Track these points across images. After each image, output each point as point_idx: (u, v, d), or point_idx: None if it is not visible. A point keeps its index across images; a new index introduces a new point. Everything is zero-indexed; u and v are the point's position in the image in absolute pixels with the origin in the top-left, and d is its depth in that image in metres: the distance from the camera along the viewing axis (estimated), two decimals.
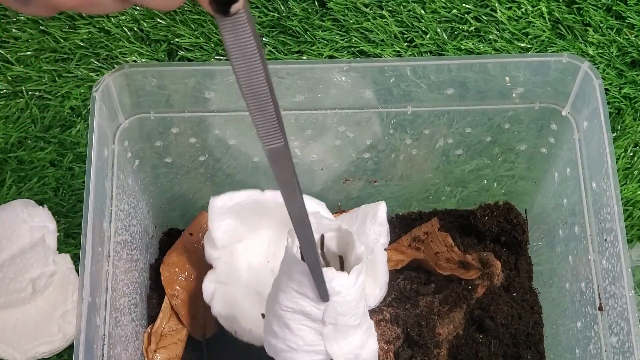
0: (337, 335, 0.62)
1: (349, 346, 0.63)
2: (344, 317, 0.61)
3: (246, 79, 0.41)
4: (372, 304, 0.72)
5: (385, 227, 0.75)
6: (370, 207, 0.75)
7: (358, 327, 0.63)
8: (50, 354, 0.77)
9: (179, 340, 0.75)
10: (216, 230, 0.72)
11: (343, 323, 0.62)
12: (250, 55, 0.40)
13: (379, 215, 0.74)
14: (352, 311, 0.61)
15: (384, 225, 0.74)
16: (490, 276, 0.75)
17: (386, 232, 0.75)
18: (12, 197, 0.83)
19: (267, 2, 0.93)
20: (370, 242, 0.72)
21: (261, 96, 0.42)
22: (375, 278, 0.73)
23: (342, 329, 0.62)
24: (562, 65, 0.68)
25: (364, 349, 0.64)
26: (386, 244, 0.74)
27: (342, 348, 0.63)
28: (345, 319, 0.61)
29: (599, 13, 0.93)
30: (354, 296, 0.60)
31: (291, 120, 0.71)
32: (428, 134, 0.74)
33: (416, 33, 0.92)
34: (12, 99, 0.89)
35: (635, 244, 0.83)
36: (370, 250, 0.71)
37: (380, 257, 0.73)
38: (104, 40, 0.91)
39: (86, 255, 0.60)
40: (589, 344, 0.67)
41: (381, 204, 0.75)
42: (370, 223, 0.73)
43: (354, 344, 0.63)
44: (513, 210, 0.80)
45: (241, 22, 0.39)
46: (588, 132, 0.68)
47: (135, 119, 0.70)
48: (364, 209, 0.75)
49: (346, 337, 0.63)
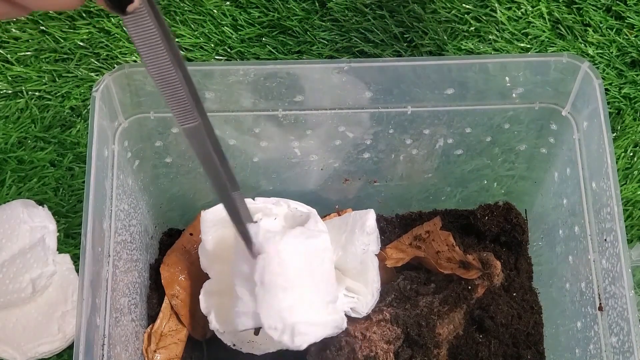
0: (266, 295, 0.64)
1: (276, 307, 0.64)
2: (271, 276, 0.63)
3: (155, 67, 0.45)
4: (364, 311, 0.72)
5: (374, 235, 0.73)
6: (359, 215, 0.74)
7: (287, 290, 0.64)
8: (50, 354, 0.77)
9: (178, 340, 0.75)
10: (209, 242, 0.72)
11: (270, 281, 0.64)
12: (155, 46, 0.44)
13: (367, 225, 0.72)
14: (278, 270, 0.63)
15: (372, 234, 0.73)
16: (490, 276, 0.75)
17: (376, 239, 0.74)
18: (12, 197, 0.83)
19: (267, 2, 0.93)
20: (359, 252, 0.71)
21: (171, 82, 0.46)
22: (366, 284, 0.73)
23: (270, 288, 0.64)
24: (562, 65, 0.68)
25: (293, 315, 0.64)
26: (377, 250, 0.74)
27: (269, 309, 0.64)
28: (273, 278, 0.63)
29: (598, 13, 0.93)
30: (283, 256, 0.63)
31: (291, 120, 0.72)
32: (428, 134, 0.74)
33: (416, 33, 0.92)
34: (12, 99, 0.89)
35: (635, 244, 0.83)
36: (359, 261, 0.71)
37: (371, 264, 0.73)
38: (104, 40, 0.91)
39: (86, 255, 0.60)
40: (589, 344, 0.67)
41: (370, 212, 0.73)
42: (359, 232, 0.72)
43: (281, 306, 0.64)
44: (513, 210, 0.80)
45: (142, 17, 0.43)
46: (588, 132, 0.68)
47: (135, 119, 0.70)
48: (354, 217, 0.74)
49: (274, 298, 0.64)
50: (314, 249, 0.67)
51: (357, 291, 0.72)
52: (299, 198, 0.79)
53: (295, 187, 0.79)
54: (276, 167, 0.77)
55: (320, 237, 0.67)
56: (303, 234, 0.67)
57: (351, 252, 0.71)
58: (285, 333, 0.64)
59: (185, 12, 0.92)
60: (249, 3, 0.93)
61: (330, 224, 0.74)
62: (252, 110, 0.71)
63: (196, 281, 0.76)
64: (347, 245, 0.72)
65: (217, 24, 0.92)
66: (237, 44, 0.91)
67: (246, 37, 0.91)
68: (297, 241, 0.65)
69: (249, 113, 0.71)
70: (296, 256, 0.65)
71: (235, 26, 0.92)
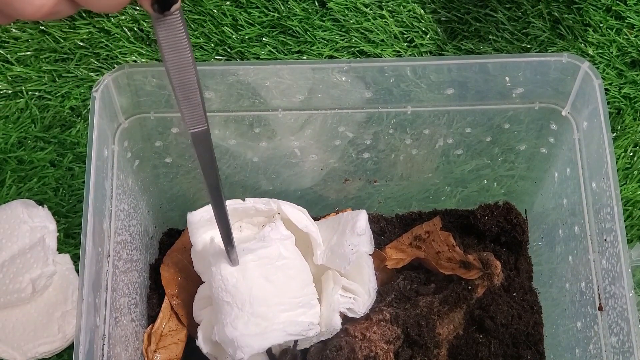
0: (216, 310, 0.68)
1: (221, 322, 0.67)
2: (217, 291, 0.67)
3: (177, 72, 0.46)
4: (362, 311, 0.72)
5: (365, 236, 0.73)
6: (350, 216, 0.73)
7: (231, 304, 0.66)
8: (50, 354, 0.77)
9: (178, 340, 0.75)
10: (198, 245, 0.72)
11: (217, 297, 0.67)
12: (182, 51, 0.45)
13: (358, 226, 0.71)
14: (222, 285, 0.66)
15: (363, 235, 0.72)
16: (490, 276, 0.75)
17: (367, 240, 0.73)
18: (12, 197, 0.83)
19: (267, 2, 0.93)
20: (347, 253, 0.70)
21: (189, 87, 0.47)
22: (362, 284, 0.73)
23: (217, 302, 0.67)
24: (562, 65, 0.68)
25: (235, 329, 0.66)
26: (370, 250, 0.73)
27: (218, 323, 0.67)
28: (219, 294, 0.67)
29: (598, 13, 0.93)
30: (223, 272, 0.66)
31: (291, 120, 0.72)
32: (428, 134, 0.74)
33: (416, 33, 0.92)
34: (12, 99, 0.89)
35: (635, 244, 0.83)
36: (348, 262, 0.71)
37: (365, 264, 0.73)
38: (104, 40, 0.91)
39: (86, 255, 0.60)
40: (589, 344, 0.67)
41: (361, 213, 0.72)
42: (349, 233, 0.71)
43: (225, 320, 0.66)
44: (513, 210, 0.80)
45: (176, 20, 0.43)
46: (588, 132, 0.68)
47: (135, 119, 0.70)
48: (345, 217, 0.74)
49: (219, 312, 0.67)
50: (265, 259, 0.68)
51: (354, 291, 0.72)
52: (299, 198, 0.79)
53: (296, 187, 0.79)
54: (276, 167, 0.77)
55: (271, 247, 0.68)
56: (252, 246, 0.68)
57: (340, 253, 0.71)
58: (230, 346, 0.67)
59: (185, 12, 0.92)
60: (249, 3, 0.93)
61: (323, 224, 0.74)
62: (252, 110, 0.71)
63: (196, 281, 0.76)
64: (336, 246, 0.72)
65: (217, 24, 0.92)
66: (237, 44, 0.91)
67: (246, 37, 0.91)
68: (244, 254, 0.67)
69: (249, 113, 0.71)
70: (239, 271, 0.67)
71: (235, 26, 0.92)
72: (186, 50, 0.45)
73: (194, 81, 0.47)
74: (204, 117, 0.49)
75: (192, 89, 0.47)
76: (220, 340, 0.68)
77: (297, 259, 0.70)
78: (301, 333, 0.69)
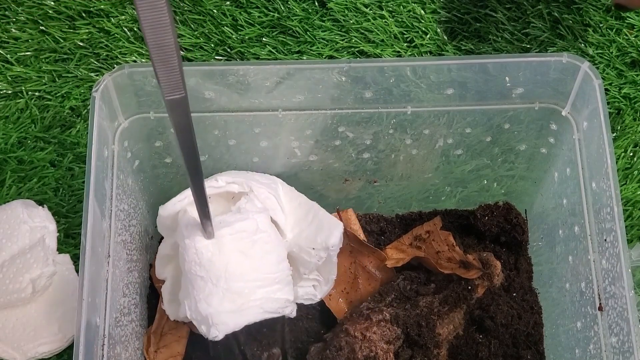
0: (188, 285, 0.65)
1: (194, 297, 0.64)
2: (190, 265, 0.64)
3: (153, 32, 0.43)
4: (319, 296, 0.73)
5: (334, 252, 0.70)
6: (327, 222, 0.70)
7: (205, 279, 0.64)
8: (50, 354, 0.77)
9: (180, 337, 0.75)
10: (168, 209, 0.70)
11: (189, 270, 0.64)
12: (158, 9, 0.42)
13: (331, 242, 0.69)
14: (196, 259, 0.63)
15: (332, 250, 0.70)
16: (490, 276, 0.75)
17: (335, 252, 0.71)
18: (12, 197, 0.83)
19: (267, 2, 0.93)
20: (312, 263, 0.70)
21: (166, 50, 0.44)
22: (322, 272, 0.73)
23: (190, 277, 0.64)
24: (562, 65, 0.68)
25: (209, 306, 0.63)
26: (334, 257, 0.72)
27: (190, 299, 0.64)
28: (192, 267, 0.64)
29: (598, 13, 0.93)
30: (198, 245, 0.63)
31: (291, 120, 0.72)
32: (428, 134, 0.74)
33: (416, 33, 0.92)
34: (12, 99, 0.89)
35: (635, 244, 0.83)
36: (310, 270, 0.70)
37: (333, 258, 0.72)
38: (104, 40, 0.91)
39: (86, 255, 0.60)
40: (589, 344, 0.67)
41: (338, 226, 0.70)
42: (320, 243, 0.69)
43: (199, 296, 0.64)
44: (513, 210, 0.80)
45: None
46: (588, 132, 0.68)
47: (135, 119, 0.70)
48: (322, 218, 0.71)
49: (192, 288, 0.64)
50: (242, 232, 0.65)
51: (314, 279, 0.73)
52: None
53: (295, 187, 0.79)
54: (276, 167, 0.77)
55: (248, 220, 0.65)
56: (229, 218, 0.65)
57: (304, 259, 0.70)
58: (203, 324, 0.64)
59: (185, 12, 0.92)
60: (249, 3, 0.93)
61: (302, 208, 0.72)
62: (252, 110, 0.71)
63: None
64: (303, 248, 0.70)
65: (217, 24, 0.92)
66: (237, 44, 0.91)
67: (246, 37, 0.91)
68: (220, 227, 0.64)
69: (249, 113, 0.71)
70: (215, 244, 0.63)
71: (235, 26, 0.92)
72: (163, 9, 0.42)
73: (172, 43, 0.43)
74: (182, 84, 0.46)
75: (169, 52, 0.44)
76: (193, 317, 0.64)
77: (272, 233, 0.68)
78: (277, 310, 0.66)
